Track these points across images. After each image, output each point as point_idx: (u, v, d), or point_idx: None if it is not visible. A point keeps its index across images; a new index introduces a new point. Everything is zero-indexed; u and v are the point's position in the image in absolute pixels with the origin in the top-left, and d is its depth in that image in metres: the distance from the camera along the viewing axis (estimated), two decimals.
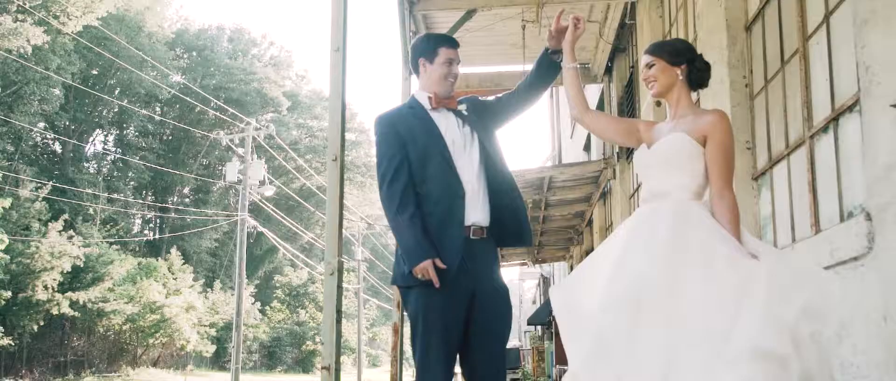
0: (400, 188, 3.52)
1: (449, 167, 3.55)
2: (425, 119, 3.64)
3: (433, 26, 10.06)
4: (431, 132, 3.60)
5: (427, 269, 3.39)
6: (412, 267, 3.42)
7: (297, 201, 46.16)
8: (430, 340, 3.46)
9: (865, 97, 3.47)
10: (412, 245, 3.44)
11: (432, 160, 3.54)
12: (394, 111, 3.79)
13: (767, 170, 5.15)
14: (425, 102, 3.70)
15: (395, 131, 3.61)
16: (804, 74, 4.49)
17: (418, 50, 3.78)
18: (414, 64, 3.80)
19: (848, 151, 3.98)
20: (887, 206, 3.26)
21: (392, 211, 3.53)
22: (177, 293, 33.78)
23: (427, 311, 3.46)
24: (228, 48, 54.83)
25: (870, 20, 3.40)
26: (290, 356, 45.86)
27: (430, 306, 3.42)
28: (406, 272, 3.54)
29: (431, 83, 3.71)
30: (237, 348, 26.65)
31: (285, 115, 55.44)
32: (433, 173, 3.55)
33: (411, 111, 3.70)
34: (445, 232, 3.49)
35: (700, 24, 6.27)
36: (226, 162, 40.05)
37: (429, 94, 3.70)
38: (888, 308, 3.27)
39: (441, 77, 3.70)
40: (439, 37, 3.84)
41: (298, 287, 48.59)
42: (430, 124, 3.62)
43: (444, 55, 3.72)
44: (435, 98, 3.68)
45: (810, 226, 4.40)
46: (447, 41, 3.78)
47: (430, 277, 3.39)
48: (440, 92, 3.70)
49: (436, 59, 3.72)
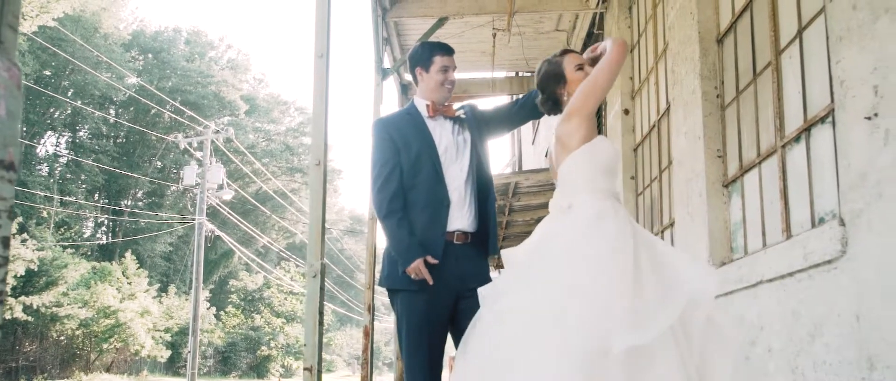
0: (390, 193, 3.66)
1: (437, 176, 3.71)
2: (421, 126, 3.78)
3: (405, 33, 10.19)
4: (426, 140, 3.75)
5: (419, 267, 3.52)
6: (405, 268, 3.56)
7: (253, 205, 45.88)
8: (416, 342, 3.61)
9: (840, 110, 3.66)
10: (403, 247, 3.59)
11: (423, 168, 3.71)
12: (392, 117, 3.92)
13: (738, 177, 5.36)
14: (423, 109, 3.84)
15: (390, 137, 3.75)
16: (776, 86, 4.69)
17: (414, 59, 3.93)
18: (412, 73, 3.95)
19: (819, 161, 4.18)
20: (861, 212, 3.45)
21: (382, 214, 3.67)
22: (131, 298, 33.41)
23: (412, 314, 3.62)
24: (185, 50, 54.32)
25: (844, 37, 3.59)
26: (245, 362, 45.47)
27: (415, 309, 3.59)
28: (397, 274, 3.68)
29: (429, 91, 3.86)
30: (194, 353, 26.45)
31: (243, 118, 55.07)
32: (422, 181, 3.70)
33: (409, 118, 3.83)
34: (427, 237, 3.65)
35: (672, 36, 6.48)
36: (182, 165, 39.75)
37: (427, 101, 3.84)
38: (861, 308, 3.46)
39: (438, 84, 3.85)
40: (434, 45, 3.96)
41: (254, 292, 48.22)
42: (426, 132, 3.77)
43: (439, 63, 3.87)
44: (432, 106, 3.82)
45: (782, 231, 4.60)
46: (442, 49, 3.92)
47: (424, 275, 3.53)
48: (437, 99, 3.85)
49: (431, 67, 3.86)
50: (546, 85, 3.50)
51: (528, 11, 9.14)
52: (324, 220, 5.48)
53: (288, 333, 45.73)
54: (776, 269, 4.35)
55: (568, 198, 3.23)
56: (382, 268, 3.83)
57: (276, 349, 45.10)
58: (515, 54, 11.16)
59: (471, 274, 3.73)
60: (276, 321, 45.52)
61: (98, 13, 44.69)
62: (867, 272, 3.40)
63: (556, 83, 3.47)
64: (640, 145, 8.14)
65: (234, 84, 54.56)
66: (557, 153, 3.36)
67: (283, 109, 60.72)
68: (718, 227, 5.56)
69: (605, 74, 3.27)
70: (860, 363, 3.49)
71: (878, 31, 3.31)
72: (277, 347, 45.11)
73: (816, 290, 3.90)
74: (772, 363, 4.46)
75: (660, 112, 7.30)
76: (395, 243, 3.63)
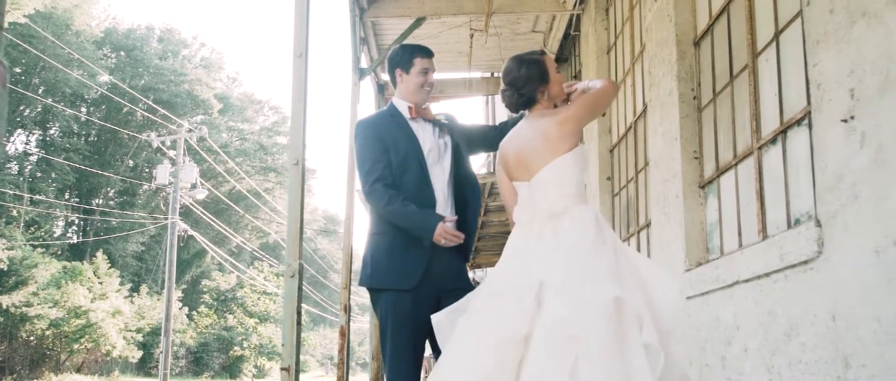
0: (386, 183, 3.68)
1: (424, 177, 3.76)
2: (405, 128, 3.82)
3: (382, 33, 10.19)
4: (411, 141, 3.79)
5: (444, 231, 3.56)
6: (432, 240, 3.61)
7: (226, 205, 45.63)
8: (399, 341, 3.63)
9: (816, 112, 3.71)
10: (419, 222, 3.62)
11: (410, 169, 3.74)
12: (376, 117, 3.95)
13: (715, 179, 5.41)
14: (405, 111, 3.87)
15: (379, 136, 3.78)
16: (753, 89, 4.74)
17: (394, 61, 3.97)
18: (391, 75, 3.99)
19: (795, 162, 4.23)
20: (837, 213, 3.50)
21: (383, 202, 3.69)
22: (103, 298, 33.07)
23: (395, 313, 3.65)
24: (158, 48, 53.88)
25: (821, 41, 3.64)
26: (218, 362, 45.16)
27: (399, 309, 3.61)
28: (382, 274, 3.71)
29: (409, 92, 3.90)
30: (166, 353, 26.27)
31: (216, 117, 54.74)
32: (408, 181, 3.74)
33: (392, 119, 3.86)
34: (410, 245, 3.72)
35: (649, 38, 6.52)
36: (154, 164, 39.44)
37: (408, 103, 3.87)
38: (837, 309, 3.51)
39: (417, 86, 3.90)
40: (414, 47, 4.01)
41: (227, 292, 47.91)
42: (410, 133, 3.81)
43: (419, 65, 3.92)
44: (415, 108, 3.85)
45: (758, 232, 4.65)
46: (421, 51, 3.97)
47: (451, 237, 3.59)
48: (417, 100, 3.89)
49: (411, 69, 3.91)
50: (527, 82, 3.49)
51: (506, 12, 9.17)
52: (302, 220, 5.46)
53: (261, 333, 45.47)
54: (752, 269, 4.40)
55: (559, 201, 3.26)
56: (365, 268, 3.84)
57: (249, 350, 44.83)
58: (492, 55, 11.18)
59: (452, 274, 3.80)
60: (249, 321, 45.24)
61: (70, 10, 44.24)
62: (843, 273, 3.45)
63: (539, 82, 3.48)
64: (617, 146, 8.19)
65: (208, 83, 54.20)
66: (539, 153, 3.37)
67: (257, 108, 60.43)
68: (695, 228, 5.61)
69: (605, 98, 3.49)
70: (836, 363, 3.54)
71: (854, 35, 3.36)
72: (250, 347, 44.84)
73: (792, 290, 3.95)
74: (748, 363, 4.51)
75: (636, 113, 7.35)
76: (410, 221, 3.65)
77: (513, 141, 3.51)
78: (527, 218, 3.35)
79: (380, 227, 3.76)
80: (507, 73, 3.54)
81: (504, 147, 3.55)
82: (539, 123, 3.42)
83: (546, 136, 3.37)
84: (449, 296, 3.64)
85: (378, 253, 3.76)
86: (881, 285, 3.17)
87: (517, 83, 3.50)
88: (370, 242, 3.80)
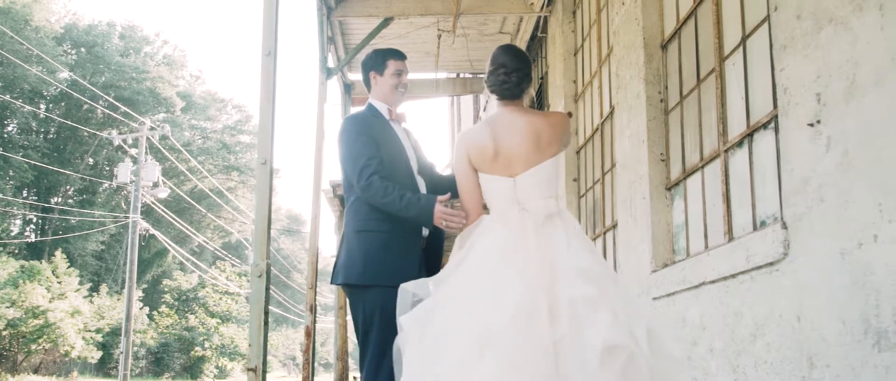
0: (382, 177, 3.71)
1: (411, 176, 3.85)
2: (389, 128, 3.93)
3: (350, 33, 10.17)
4: (396, 141, 3.91)
5: (443, 215, 3.56)
6: (433, 225, 3.63)
7: (188, 204, 45.20)
8: (385, 338, 3.61)
9: (783, 116, 3.77)
10: (419, 209, 3.63)
11: (398, 167, 3.84)
12: (363, 115, 4.00)
13: (681, 181, 5.47)
14: (385, 112, 3.94)
15: (370, 133, 3.83)
16: (720, 92, 4.81)
17: (368, 65, 4.06)
18: (365, 78, 4.08)
19: (762, 165, 4.30)
20: (803, 216, 3.56)
21: (381, 194, 3.69)
22: (61, 298, 32.58)
23: (386, 309, 3.62)
24: (120, 45, 53.17)
25: (788, 46, 3.70)
26: (179, 363, 44.67)
27: (389, 305, 3.57)
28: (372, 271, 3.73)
29: (383, 93, 3.99)
30: (126, 354, 25.96)
31: (179, 115, 54.18)
32: (399, 181, 3.78)
33: (376, 120, 3.93)
34: (407, 242, 3.75)
35: (617, 41, 6.58)
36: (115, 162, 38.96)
37: (386, 105, 3.94)
38: (802, 309, 3.57)
39: (391, 88, 3.98)
40: (387, 50, 4.11)
41: (188, 292, 47.43)
42: (394, 133, 3.92)
43: (392, 67, 4.01)
44: (393, 111, 3.94)
45: (724, 234, 4.71)
46: (395, 54, 4.07)
47: (454, 219, 3.55)
48: (392, 101, 3.96)
49: (385, 71, 4.00)
50: (527, 75, 3.47)
51: (473, 13, 9.20)
52: (270, 219, 5.43)
53: (223, 333, 45.07)
54: (719, 270, 4.46)
55: (551, 203, 3.26)
56: (353, 265, 3.81)
57: (211, 350, 44.40)
58: (459, 56, 11.20)
59: (430, 272, 3.81)
60: (211, 321, 44.81)
61: (29, 5, 43.52)
62: (809, 274, 3.51)
63: (529, 80, 3.49)
64: (584, 148, 8.25)
65: (170, 80, 53.62)
66: (528, 152, 3.33)
67: (220, 107, 59.91)
68: (661, 229, 5.67)
69: None
70: (800, 363, 3.60)
71: (821, 41, 3.42)
72: (212, 348, 44.41)
73: (758, 291, 4.01)
74: (713, 363, 4.56)
75: (603, 115, 7.41)
76: (410, 209, 3.64)
77: (494, 132, 3.36)
78: (515, 214, 3.24)
79: (372, 224, 3.76)
80: (513, 58, 3.45)
81: (480, 138, 3.37)
82: (530, 121, 3.37)
83: (538, 135, 3.34)
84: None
85: (372, 249, 3.76)
86: (846, 287, 3.23)
87: (520, 72, 3.45)
88: (360, 238, 3.78)
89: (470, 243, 3.28)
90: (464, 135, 3.45)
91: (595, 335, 2.83)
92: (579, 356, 2.78)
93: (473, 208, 3.42)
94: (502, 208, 3.30)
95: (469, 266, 3.17)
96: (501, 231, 3.21)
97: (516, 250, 3.09)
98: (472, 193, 3.43)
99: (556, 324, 2.83)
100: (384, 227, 3.75)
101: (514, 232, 3.16)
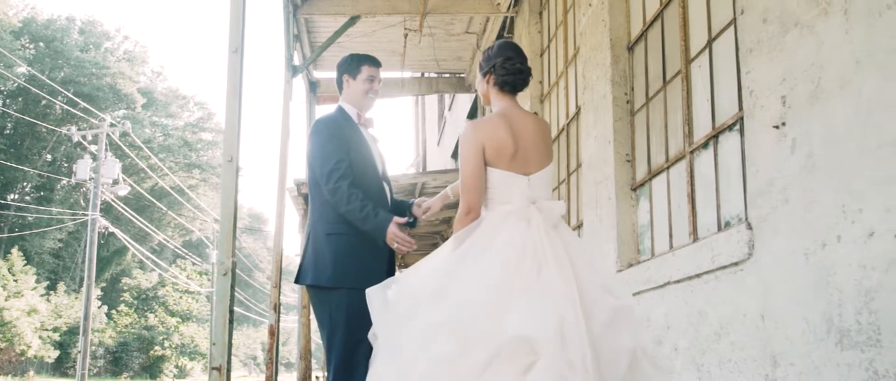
0: (350, 182, 3.76)
1: (378, 181, 3.92)
2: (358, 131, 3.98)
3: (316, 31, 10.12)
4: (365, 144, 3.97)
5: (396, 237, 3.66)
6: (386, 239, 3.70)
7: (148, 201, 44.68)
8: (357, 337, 3.64)
9: (749, 118, 3.82)
10: (375, 224, 3.69)
11: (368, 171, 3.89)
12: (334, 117, 4.03)
13: (646, 181, 5.52)
14: (354, 116, 3.97)
15: (342, 136, 3.86)
16: (686, 94, 4.86)
17: (342, 67, 4.12)
18: (338, 80, 4.11)
19: (727, 167, 4.35)
20: (767, 216, 3.61)
21: (344, 202, 3.75)
22: (17, 296, 32.11)
23: (350, 311, 3.66)
24: (79, 40, 52.42)
25: (754, 49, 3.76)
26: (137, 362, 44.18)
27: (355, 306, 3.60)
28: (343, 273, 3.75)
29: (355, 97, 4.04)
30: (84, 353, 25.60)
31: (139, 112, 53.54)
32: (369, 184, 3.84)
33: (346, 123, 3.97)
34: (375, 245, 3.83)
35: (583, 41, 6.62)
36: (74, 159, 38.40)
37: (356, 109, 3.98)
38: (766, 309, 3.62)
39: (362, 92, 4.03)
40: (363, 56, 4.19)
41: (148, 290, 46.91)
42: (363, 137, 3.97)
43: (366, 72, 4.06)
44: (362, 115, 3.97)
45: (689, 234, 4.76)
46: (370, 60, 4.13)
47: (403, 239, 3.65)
48: (361, 106, 4.00)
49: (358, 75, 4.05)
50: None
51: (440, 13, 9.21)
52: (235, 217, 5.40)
53: (183, 332, 44.65)
54: (684, 270, 4.50)
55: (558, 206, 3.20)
56: (323, 267, 3.83)
57: (171, 349, 43.96)
58: (425, 55, 11.21)
59: (391, 273, 3.91)
60: (171, 320, 44.37)
61: None
62: (773, 274, 3.56)
63: None
64: None
65: (131, 76, 52.99)
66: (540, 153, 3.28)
67: (182, 104, 59.32)
68: (626, 229, 5.72)
69: None
70: (764, 361, 3.65)
71: (787, 44, 3.47)
72: (172, 347, 43.98)
73: (723, 291, 4.06)
74: (678, 362, 4.61)
75: (569, 116, 7.45)
76: (367, 223, 3.69)
77: (512, 129, 3.23)
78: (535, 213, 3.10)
79: (342, 227, 3.78)
80: (519, 51, 3.37)
81: (499, 133, 3.19)
82: (535, 121, 3.35)
83: (545, 136, 3.33)
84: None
85: (341, 252, 3.78)
86: (809, 287, 3.28)
87: (527, 70, 3.39)
88: (329, 241, 3.80)
89: (480, 239, 3.08)
90: (477, 126, 3.23)
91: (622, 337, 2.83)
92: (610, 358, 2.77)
93: (477, 203, 3.20)
94: (520, 206, 3.12)
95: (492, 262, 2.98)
96: (525, 229, 3.05)
97: (547, 249, 2.96)
98: (479, 188, 3.19)
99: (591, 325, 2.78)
100: (354, 230, 3.78)
101: (538, 231, 3.03)
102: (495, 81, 3.33)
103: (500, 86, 3.33)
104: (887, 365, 2.84)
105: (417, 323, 2.92)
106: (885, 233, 2.85)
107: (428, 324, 2.86)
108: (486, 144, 3.18)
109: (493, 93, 3.37)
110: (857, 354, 2.99)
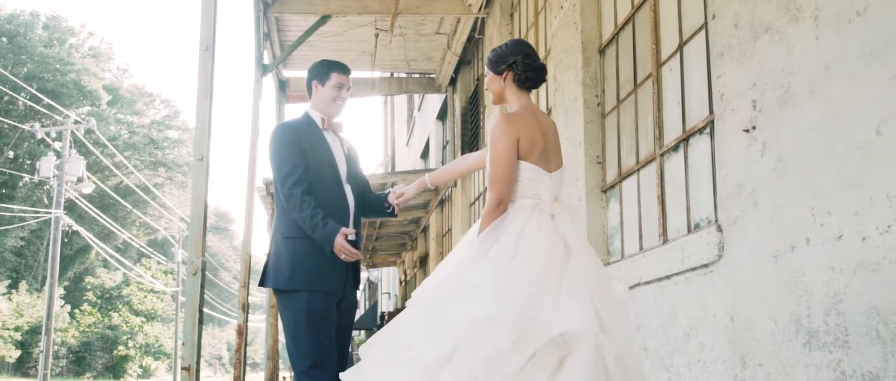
0: (303, 189, 3.81)
1: (339, 184, 4.00)
2: (320, 137, 4.02)
3: (286, 29, 10.08)
4: (327, 150, 4.00)
5: (342, 248, 3.70)
6: (332, 249, 3.72)
7: (113, 199, 44.15)
8: (314, 337, 3.78)
9: (719, 122, 3.87)
10: (323, 233, 3.73)
11: (325, 176, 3.93)
12: (295, 123, 4.09)
13: (617, 183, 5.56)
14: (318, 121, 3.99)
15: (298, 141, 3.93)
16: (657, 97, 4.91)
17: (312, 73, 4.18)
18: (307, 86, 4.15)
19: (697, 169, 4.40)
20: (737, 219, 3.66)
21: (296, 208, 3.81)
22: None
23: (310, 312, 3.78)
24: (43, 36, 51.66)
25: (725, 54, 3.80)
26: (101, 362, 43.65)
27: (313, 308, 3.76)
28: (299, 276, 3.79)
29: (322, 103, 4.08)
30: (46, 353, 25.24)
31: (104, 109, 52.87)
32: (326, 189, 3.91)
33: (308, 128, 4.01)
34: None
35: (555, 44, 6.66)
36: (37, 156, 37.89)
37: (322, 115, 3.99)
38: (735, 310, 3.67)
39: (330, 99, 4.07)
40: (333, 63, 4.19)
41: (112, 290, 46.35)
42: (325, 142, 4.00)
43: (335, 79, 4.09)
44: (327, 120, 3.97)
45: (658, 236, 4.81)
46: (339, 67, 4.17)
47: (349, 250, 3.71)
48: (330, 113, 4.04)
49: (327, 81, 4.08)
50: None
51: (411, 13, 9.20)
52: (205, 215, 5.38)
53: (147, 332, 44.19)
54: (654, 272, 4.55)
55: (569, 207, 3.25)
56: (281, 270, 3.88)
57: (135, 349, 43.48)
58: (395, 55, 11.20)
59: (350, 278, 3.99)
60: (135, 319, 43.88)
61: None
62: (742, 276, 3.61)
63: None
64: None
65: (96, 73, 52.32)
66: (558, 152, 3.31)
67: (148, 101, 58.68)
68: (597, 231, 5.76)
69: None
70: (733, 362, 3.70)
71: (757, 50, 3.52)
72: (136, 347, 43.50)
73: (693, 292, 4.11)
74: (647, 362, 4.65)
75: None
76: (316, 231, 3.74)
77: (541, 125, 3.23)
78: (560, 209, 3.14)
79: (299, 230, 3.82)
80: (535, 52, 3.35)
81: (531, 127, 3.17)
82: (554, 123, 3.36)
83: (558, 136, 3.34)
84: (343, 300, 3.93)
85: (299, 255, 3.83)
86: (778, 288, 3.33)
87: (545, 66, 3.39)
88: (287, 244, 3.86)
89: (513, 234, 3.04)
90: (513, 119, 3.18)
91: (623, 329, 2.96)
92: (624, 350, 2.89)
93: (509, 195, 3.14)
94: (547, 201, 3.13)
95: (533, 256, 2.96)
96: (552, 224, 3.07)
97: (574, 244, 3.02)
98: (512, 181, 3.13)
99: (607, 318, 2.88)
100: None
101: (564, 226, 3.08)
102: (515, 78, 3.28)
103: (520, 83, 3.29)
104: (854, 366, 2.89)
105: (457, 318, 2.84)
106: (853, 236, 2.90)
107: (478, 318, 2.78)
108: (521, 137, 3.14)
109: (511, 90, 3.31)
110: (825, 354, 3.04)
